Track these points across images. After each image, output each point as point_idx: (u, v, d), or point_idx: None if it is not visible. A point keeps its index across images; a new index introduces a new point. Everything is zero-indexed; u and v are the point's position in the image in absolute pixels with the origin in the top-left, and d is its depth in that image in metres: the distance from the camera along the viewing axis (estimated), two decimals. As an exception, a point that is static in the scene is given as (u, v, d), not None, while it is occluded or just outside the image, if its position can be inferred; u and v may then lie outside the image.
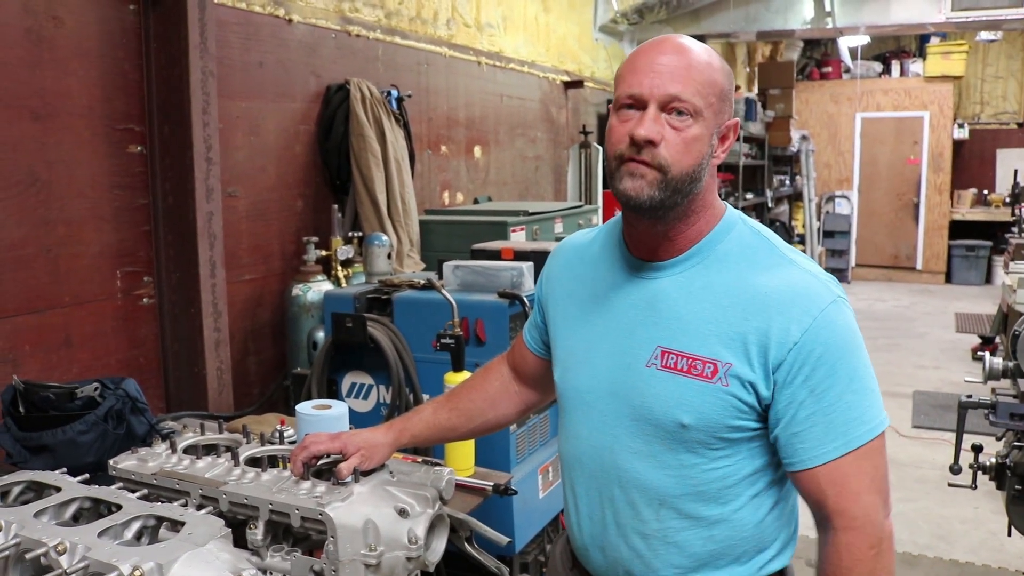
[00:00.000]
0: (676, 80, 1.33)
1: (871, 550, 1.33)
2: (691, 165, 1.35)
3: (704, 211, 1.42)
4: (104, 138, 2.65)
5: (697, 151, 1.35)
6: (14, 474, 1.71)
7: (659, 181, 1.34)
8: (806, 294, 1.34)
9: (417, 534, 1.51)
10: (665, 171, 1.33)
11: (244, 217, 3.22)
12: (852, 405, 1.32)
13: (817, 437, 1.32)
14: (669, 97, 1.33)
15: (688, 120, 1.33)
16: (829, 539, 1.36)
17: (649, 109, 1.33)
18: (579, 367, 1.52)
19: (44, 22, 2.44)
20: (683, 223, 1.41)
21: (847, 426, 1.32)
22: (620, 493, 1.46)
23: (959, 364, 7.36)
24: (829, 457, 1.32)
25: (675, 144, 1.33)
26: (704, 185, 1.39)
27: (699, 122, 1.34)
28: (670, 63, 1.34)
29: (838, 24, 7.15)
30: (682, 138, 1.34)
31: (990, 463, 2.91)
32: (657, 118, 1.33)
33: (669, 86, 1.33)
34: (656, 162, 1.33)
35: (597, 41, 6.83)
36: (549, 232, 4.00)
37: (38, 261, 2.46)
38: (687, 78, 1.33)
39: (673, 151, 1.33)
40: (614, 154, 1.38)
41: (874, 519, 1.33)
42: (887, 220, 12.12)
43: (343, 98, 3.56)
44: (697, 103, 1.33)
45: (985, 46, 11.79)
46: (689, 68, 1.34)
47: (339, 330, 2.72)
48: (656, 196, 1.34)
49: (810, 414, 1.32)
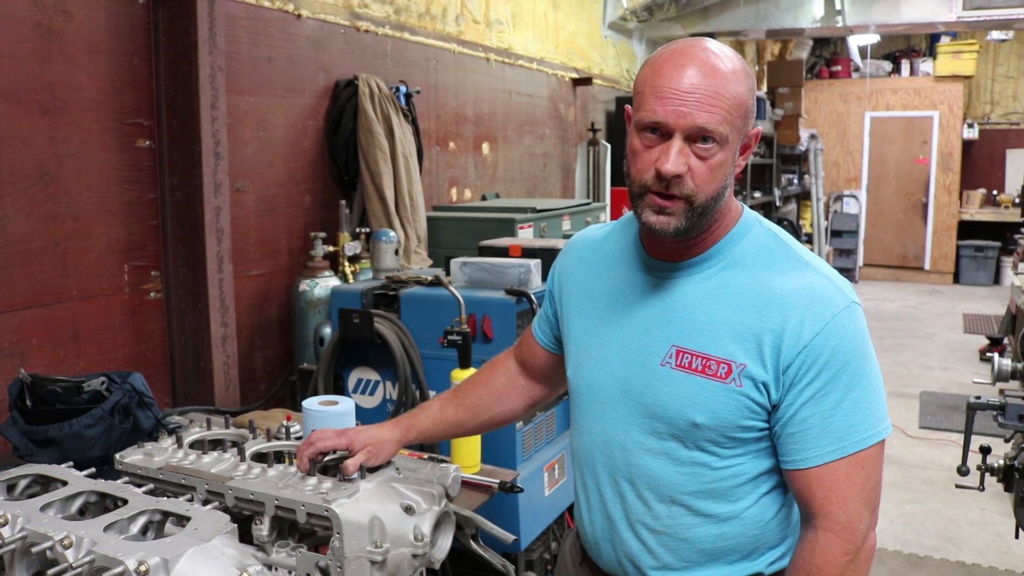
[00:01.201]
0: (703, 109, 1.28)
1: (846, 556, 1.33)
2: (716, 190, 1.34)
3: (723, 217, 1.42)
4: (113, 132, 2.65)
5: (722, 175, 1.34)
6: (21, 467, 1.71)
7: (685, 211, 1.32)
8: (820, 298, 1.34)
9: (423, 531, 1.51)
10: (692, 201, 1.32)
11: (252, 212, 3.22)
12: (851, 412, 1.33)
13: (812, 439, 1.33)
14: (697, 128, 1.28)
15: (714, 148, 1.30)
16: (807, 535, 1.37)
17: (675, 141, 1.29)
18: (593, 364, 1.52)
19: (54, 16, 2.44)
20: (703, 232, 1.41)
21: (843, 432, 1.33)
22: (631, 489, 1.47)
23: (967, 365, 7.33)
24: (821, 460, 1.33)
25: (701, 173, 1.31)
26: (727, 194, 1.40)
27: (724, 148, 1.31)
28: (697, 88, 1.28)
29: (848, 23, 7.13)
30: (708, 166, 1.31)
31: (998, 465, 2.90)
32: (683, 150, 1.29)
33: (696, 117, 1.28)
34: (683, 193, 1.31)
35: (606, 38, 6.82)
36: (557, 229, 3.99)
37: (46, 255, 2.46)
38: (714, 106, 1.28)
39: (699, 180, 1.31)
40: (639, 182, 1.34)
41: (856, 527, 1.33)
42: (895, 220, 12.08)
43: (352, 94, 3.56)
44: (724, 131, 1.29)
45: (996, 45, 11.74)
46: (717, 94, 1.28)
47: (346, 326, 2.72)
48: (683, 225, 1.33)
49: (808, 416, 1.33)
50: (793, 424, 1.34)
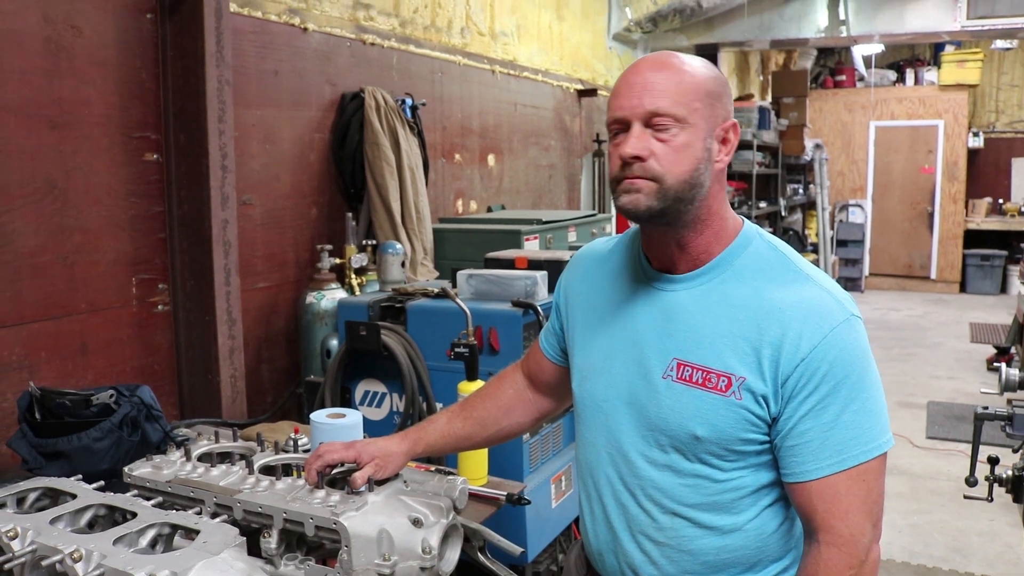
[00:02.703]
0: (652, 94, 1.35)
1: (850, 570, 1.33)
2: (687, 171, 1.36)
3: (713, 218, 1.43)
4: (121, 146, 2.67)
5: (690, 157, 1.36)
6: (30, 480, 1.72)
7: (656, 191, 1.36)
8: (819, 310, 1.34)
9: (431, 544, 1.51)
10: (660, 181, 1.35)
11: (259, 225, 3.23)
12: (851, 424, 1.32)
13: (812, 452, 1.33)
14: (648, 113, 1.35)
15: (673, 130, 1.35)
16: (811, 550, 1.37)
17: (633, 128, 1.36)
18: (597, 376, 1.53)
19: (63, 31, 2.46)
20: (693, 231, 1.42)
21: (843, 445, 1.32)
22: (634, 500, 1.47)
23: (974, 375, 7.30)
24: (822, 473, 1.33)
25: (665, 155, 1.35)
26: (709, 191, 1.40)
27: (686, 129, 1.35)
28: (647, 80, 1.36)
29: (852, 32, 7.14)
30: (671, 147, 1.35)
31: (1007, 475, 2.89)
32: (642, 135, 1.35)
33: (646, 102, 1.35)
34: (649, 174, 1.35)
35: (611, 50, 6.84)
36: (563, 241, 4.00)
37: (55, 268, 2.48)
38: (664, 90, 1.35)
39: (664, 161, 1.35)
40: (612, 178, 1.41)
41: (859, 540, 1.33)
42: (901, 229, 12.07)
43: (358, 106, 3.58)
44: (678, 112, 1.34)
45: (1000, 54, 11.75)
46: (667, 80, 1.35)
47: (353, 338, 2.72)
48: (655, 206, 1.36)
49: (808, 428, 1.33)
50: (793, 437, 1.34)
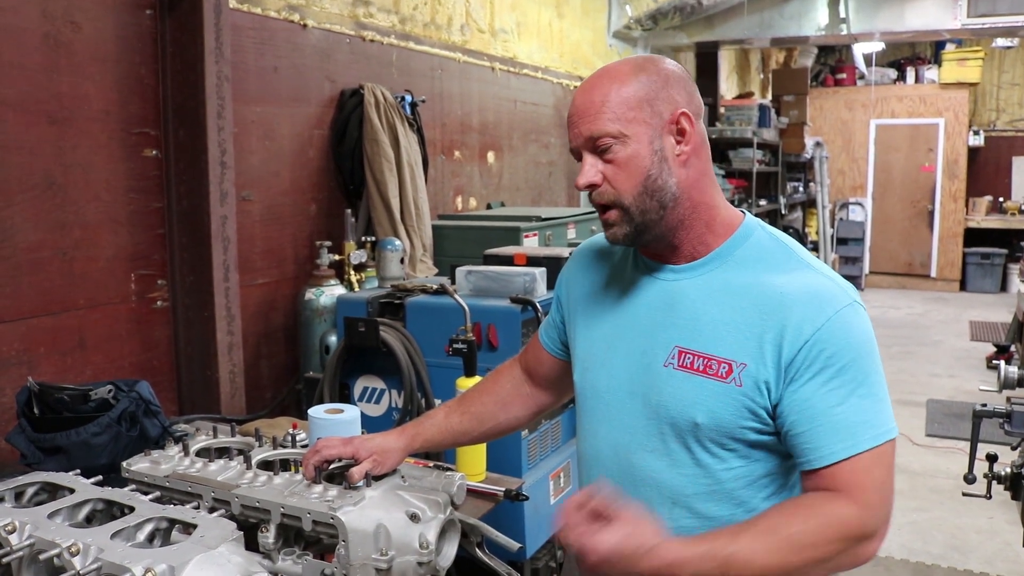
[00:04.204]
0: (587, 120, 1.38)
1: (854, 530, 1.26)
2: (639, 183, 1.38)
3: (699, 210, 1.43)
4: (120, 142, 2.67)
5: (638, 168, 1.38)
6: (28, 475, 1.72)
7: (621, 217, 1.40)
8: (822, 295, 1.34)
9: (428, 539, 1.51)
10: (620, 203, 1.39)
11: (258, 221, 3.23)
12: (858, 409, 1.30)
13: (824, 437, 1.30)
14: (588, 141, 1.39)
15: (615, 147, 1.38)
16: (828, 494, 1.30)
17: (584, 158, 1.40)
18: (598, 367, 1.54)
19: (62, 27, 2.46)
20: (682, 229, 1.43)
21: (853, 428, 1.29)
22: (635, 491, 1.47)
23: (974, 373, 7.30)
24: (837, 458, 1.29)
25: (614, 175, 1.39)
26: (680, 185, 1.40)
27: (627, 142, 1.37)
28: (579, 108, 1.40)
29: (853, 30, 7.13)
30: (617, 165, 1.38)
31: (1005, 473, 2.89)
32: (593, 162, 1.40)
33: (584, 130, 1.38)
34: (607, 200, 1.40)
35: (611, 47, 6.83)
36: (562, 238, 4.00)
37: (53, 264, 2.48)
38: (596, 113, 1.37)
39: (616, 182, 1.39)
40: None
41: (876, 513, 1.28)
42: (901, 227, 12.07)
43: (357, 103, 3.57)
44: (613, 128, 1.37)
45: (1001, 53, 11.74)
46: (592, 103, 1.38)
47: (352, 334, 2.72)
48: (630, 232, 1.41)
49: (815, 414, 1.31)
50: (802, 423, 1.31)
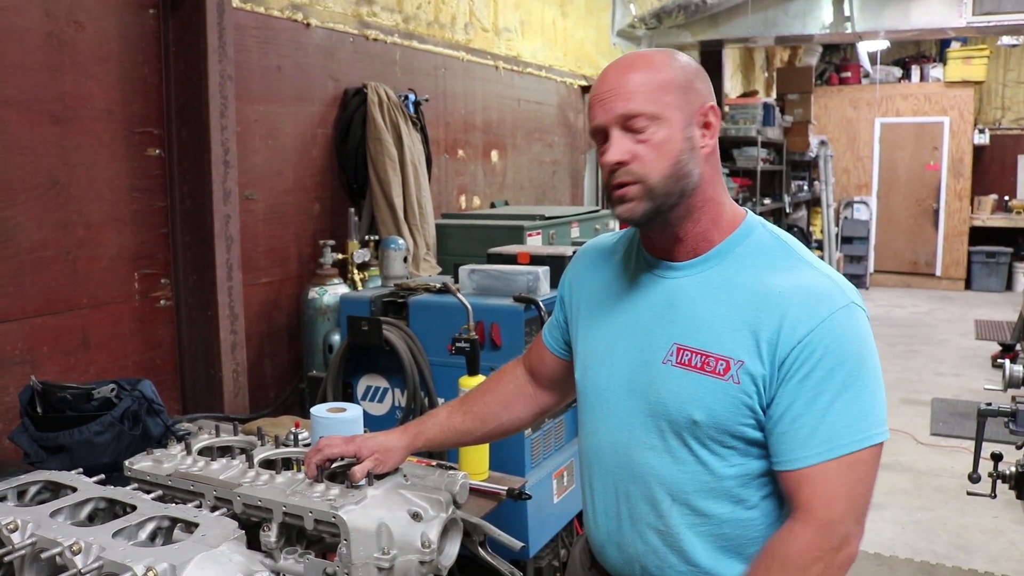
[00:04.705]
0: (622, 98, 1.37)
1: (817, 551, 1.30)
2: (669, 166, 1.37)
3: (708, 205, 1.44)
4: (123, 141, 2.67)
5: (670, 151, 1.37)
6: (31, 474, 1.73)
7: (643, 193, 1.38)
8: (820, 295, 1.34)
9: (430, 538, 1.51)
10: (645, 181, 1.37)
11: (261, 220, 3.23)
12: (844, 412, 1.31)
13: (802, 439, 1.32)
14: (621, 117, 1.37)
15: (650, 128, 1.37)
16: (785, 525, 1.36)
17: (612, 134, 1.39)
18: (599, 365, 1.54)
19: (65, 27, 2.46)
20: (689, 221, 1.43)
21: (834, 433, 1.30)
22: (635, 489, 1.47)
23: (979, 371, 7.28)
24: (810, 461, 1.31)
25: (646, 155, 1.37)
26: (700, 177, 1.41)
27: (662, 125, 1.37)
28: (615, 85, 1.38)
29: (857, 29, 7.10)
30: (650, 146, 1.37)
31: (1010, 472, 2.88)
32: (621, 140, 1.38)
33: (618, 107, 1.37)
34: (634, 177, 1.37)
35: (615, 46, 6.82)
36: (565, 237, 3.99)
37: (57, 263, 2.48)
38: (632, 91, 1.36)
39: (646, 160, 1.37)
40: (604, 184, 1.44)
41: (836, 528, 1.30)
42: (906, 226, 12.04)
43: (360, 102, 3.57)
44: (650, 109, 1.36)
45: (1007, 51, 11.70)
46: (631, 81, 1.37)
47: (355, 333, 2.72)
48: (647, 210, 1.39)
49: (798, 415, 1.32)
50: (784, 423, 1.33)
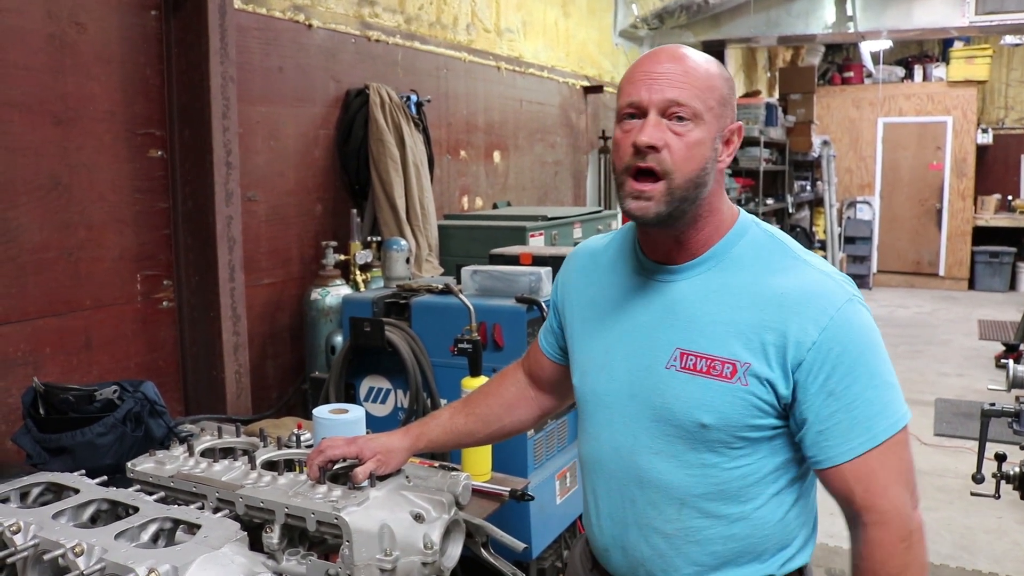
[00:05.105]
0: (674, 85, 1.34)
1: (902, 543, 1.33)
2: (695, 170, 1.35)
3: (712, 215, 1.43)
4: (125, 142, 2.67)
5: (700, 156, 1.36)
6: (33, 475, 1.73)
7: (665, 193, 1.35)
8: (821, 294, 1.35)
9: (433, 539, 1.51)
10: (670, 177, 1.34)
11: (263, 221, 3.23)
12: (873, 401, 1.33)
13: (842, 434, 1.33)
14: (668, 102, 1.34)
15: (689, 125, 1.34)
16: (860, 535, 1.36)
17: (650, 115, 1.34)
18: (598, 371, 1.53)
19: (67, 28, 2.46)
20: (693, 228, 1.42)
21: (870, 421, 1.32)
22: (641, 493, 1.47)
23: (982, 372, 7.27)
24: (855, 453, 1.33)
25: (678, 150, 1.34)
26: (711, 190, 1.40)
27: (700, 126, 1.35)
28: (667, 70, 1.35)
29: (860, 28, 7.10)
30: (684, 143, 1.34)
31: (1014, 472, 2.88)
32: (658, 124, 1.34)
33: (667, 91, 1.34)
34: (662, 168, 1.34)
35: (617, 46, 6.82)
36: (568, 237, 3.99)
37: (59, 264, 2.48)
38: (685, 83, 1.34)
39: (676, 156, 1.34)
40: (621, 166, 1.39)
41: (902, 512, 1.34)
42: (909, 226, 12.02)
43: (362, 103, 3.57)
44: (696, 106, 1.34)
45: (1010, 50, 11.69)
46: (686, 73, 1.35)
47: (357, 334, 2.72)
48: (663, 211, 1.36)
49: (833, 412, 1.33)
50: (819, 422, 1.34)
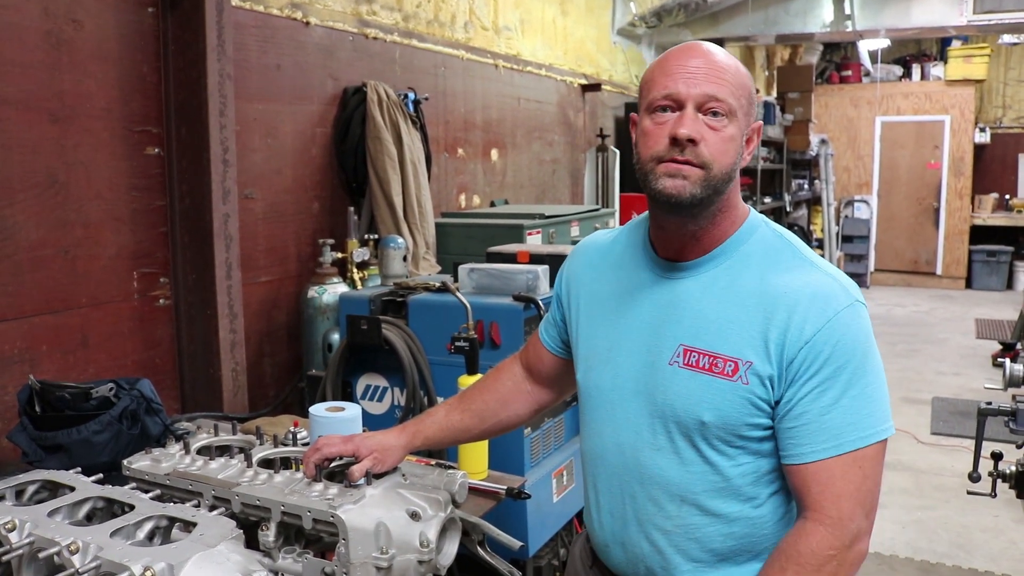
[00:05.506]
0: (711, 81, 1.35)
1: (830, 549, 1.32)
2: (729, 164, 1.38)
3: (729, 211, 1.45)
4: (122, 140, 2.66)
5: (733, 151, 1.38)
6: (29, 473, 1.72)
7: (702, 179, 1.35)
8: (824, 295, 1.35)
9: (429, 537, 1.51)
10: (708, 168, 1.35)
11: (260, 219, 3.23)
12: (849, 409, 1.33)
13: (809, 435, 1.34)
14: (706, 97, 1.35)
15: (724, 120, 1.36)
16: (797, 524, 1.38)
17: (687, 109, 1.35)
18: (602, 366, 1.53)
19: (63, 25, 2.46)
20: (711, 222, 1.43)
21: (840, 429, 1.33)
22: (641, 490, 1.47)
23: (979, 370, 7.28)
24: (817, 456, 1.34)
25: (715, 143, 1.35)
26: (731, 185, 1.42)
27: (733, 122, 1.37)
28: (703, 65, 1.36)
29: (858, 27, 7.10)
30: (720, 137, 1.36)
31: (1010, 471, 2.88)
32: (696, 119, 1.35)
33: (706, 86, 1.35)
34: (700, 160, 1.35)
35: (615, 44, 6.82)
36: (565, 235, 3.99)
37: (56, 262, 2.48)
38: (721, 79, 1.36)
39: (714, 150, 1.35)
40: (651, 155, 1.38)
41: (847, 525, 1.33)
42: (907, 225, 12.03)
43: (360, 101, 3.57)
44: (732, 103, 1.36)
45: (1008, 49, 11.70)
46: (722, 70, 1.37)
47: (354, 332, 2.72)
48: (698, 194, 1.36)
49: (805, 411, 1.34)
50: (791, 419, 1.35)
